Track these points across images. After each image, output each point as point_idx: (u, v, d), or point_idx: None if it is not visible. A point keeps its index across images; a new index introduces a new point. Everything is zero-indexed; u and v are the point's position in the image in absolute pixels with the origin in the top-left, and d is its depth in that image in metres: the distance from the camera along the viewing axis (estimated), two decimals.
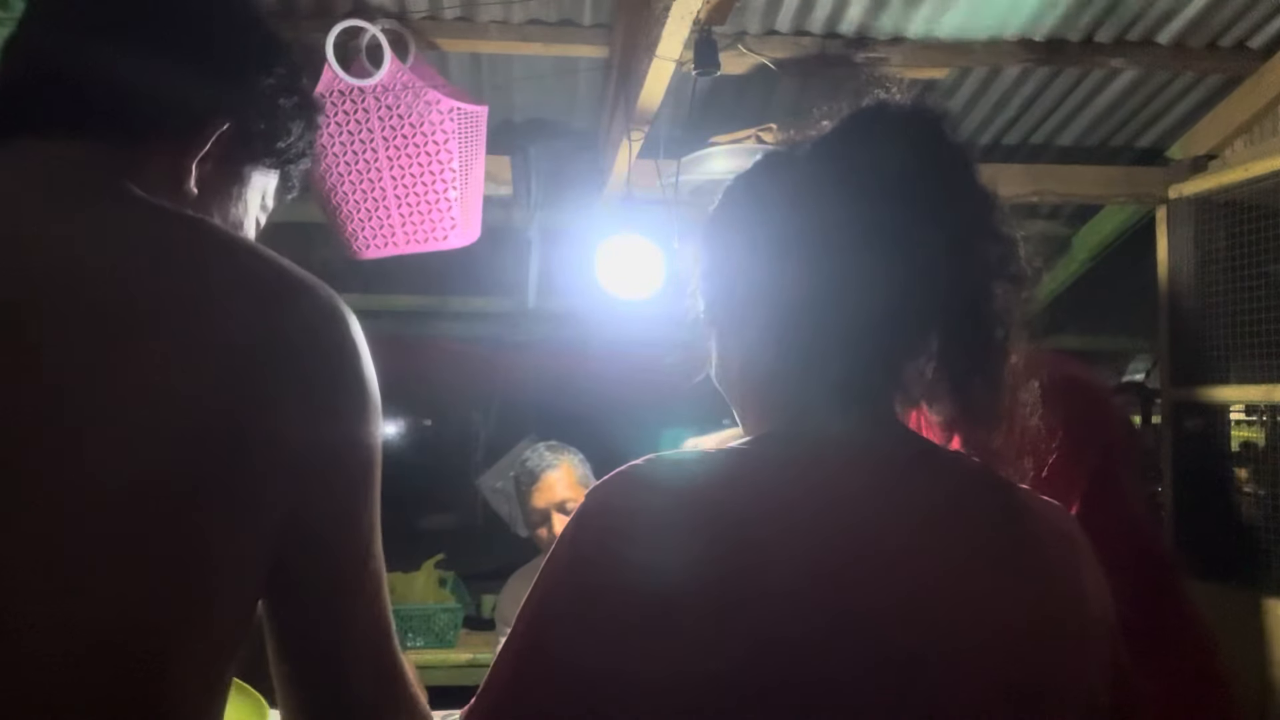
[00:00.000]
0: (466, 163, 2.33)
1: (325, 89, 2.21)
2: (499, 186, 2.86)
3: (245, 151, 0.88)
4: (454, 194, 2.33)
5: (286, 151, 0.91)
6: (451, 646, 3.37)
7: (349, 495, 0.76)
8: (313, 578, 0.74)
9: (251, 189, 0.90)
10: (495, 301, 3.91)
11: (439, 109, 2.23)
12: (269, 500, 0.70)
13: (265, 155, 0.89)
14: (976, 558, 0.75)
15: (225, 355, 0.69)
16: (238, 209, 0.89)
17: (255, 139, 0.88)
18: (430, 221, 2.37)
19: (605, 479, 0.77)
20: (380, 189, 2.32)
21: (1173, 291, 2.86)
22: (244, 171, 0.89)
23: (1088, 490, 1.27)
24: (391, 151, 2.28)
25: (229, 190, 0.88)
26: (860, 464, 0.78)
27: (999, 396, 0.79)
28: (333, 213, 2.39)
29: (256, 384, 0.70)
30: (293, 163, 0.93)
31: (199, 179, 0.83)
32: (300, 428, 0.71)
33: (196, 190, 0.83)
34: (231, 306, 0.71)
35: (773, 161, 0.87)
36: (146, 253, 0.71)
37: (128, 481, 0.66)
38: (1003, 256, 0.80)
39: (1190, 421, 2.81)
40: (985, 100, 2.78)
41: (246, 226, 0.91)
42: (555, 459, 2.72)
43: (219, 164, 0.85)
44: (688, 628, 0.68)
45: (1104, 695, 0.78)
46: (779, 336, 0.80)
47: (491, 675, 0.76)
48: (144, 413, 0.66)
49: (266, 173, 0.92)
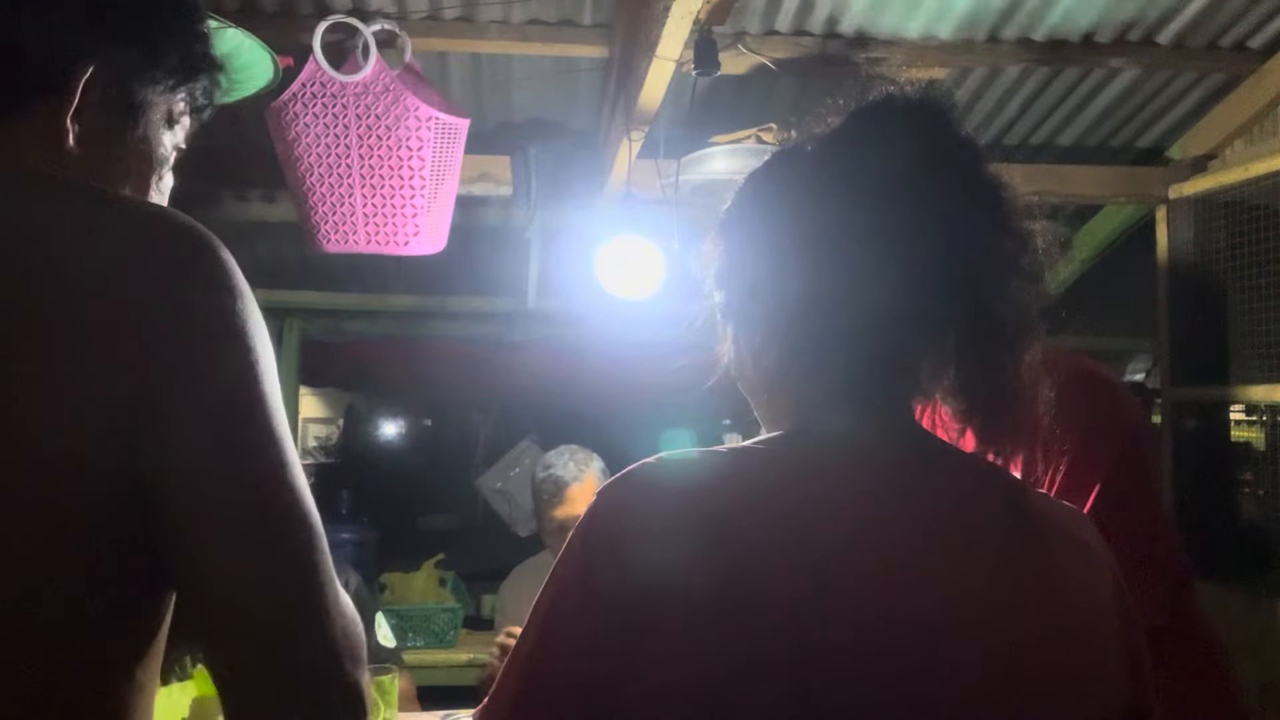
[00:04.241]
0: (439, 173, 2.33)
1: (308, 78, 2.21)
2: (499, 186, 2.86)
3: (125, 88, 0.80)
4: (421, 201, 2.33)
5: (175, 73, 0.82)
6: (451, 646, 3.37)
7: (223, 426, 0.70)
8: (202, 524, 0.69)
9: (151, 124, 0.82)
10: (495, 301, 3.91)
11: (416, 115, 2.24)
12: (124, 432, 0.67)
13: (150, 86, 0.81)
14: (984, 562, 0.74)
15: (95, 323, 0.66)
16: (142, 150, 0.82)
17: (131, 72, 0.79)
18: (393, 225, 2.37)
19: (613, 480, 0.77)
20: (348, 185, 2.33)
21: (1173, 292, 2.86)
22: (134, 109, 0.81)
23: (1105, 490, 1.23)
24: (364, 150, 2.28)
25: (122, 137, 0.80)
26: (870, 465, 0.77)
27: (1013, 394, 0.77)
28: (300, 203, 2.39)
29: (103, 328, 0.67)
30: (189, 81, 0.84)
31: (80, 136, 0.77)
32: (159, 361, 0.67)
33: (81, 149, 0.77)
34: (98, 269, 0.67)
35: (782, 159, 0.87)
36: (5, 228, 0.68)
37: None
38: (1016, 250, 0.79)
39: (1190, 421, 2.81)
40: (985, 100, 2.78)
41: (157, 163, 0.84)
42: (580, 472, 2.71)
43: (99, 113, 0.78)
44: (695, 630, 0.68)
45: (1118, 701, 0.77)
46: (789, 335, 0.80)
47: (499, 686, 0.75)
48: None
49: (164, 98, 0.83)
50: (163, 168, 0.85)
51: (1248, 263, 2.61)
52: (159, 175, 0.85)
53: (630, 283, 2.60)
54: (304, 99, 2.23)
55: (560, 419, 4.37)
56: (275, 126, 2.30)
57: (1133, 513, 1.24)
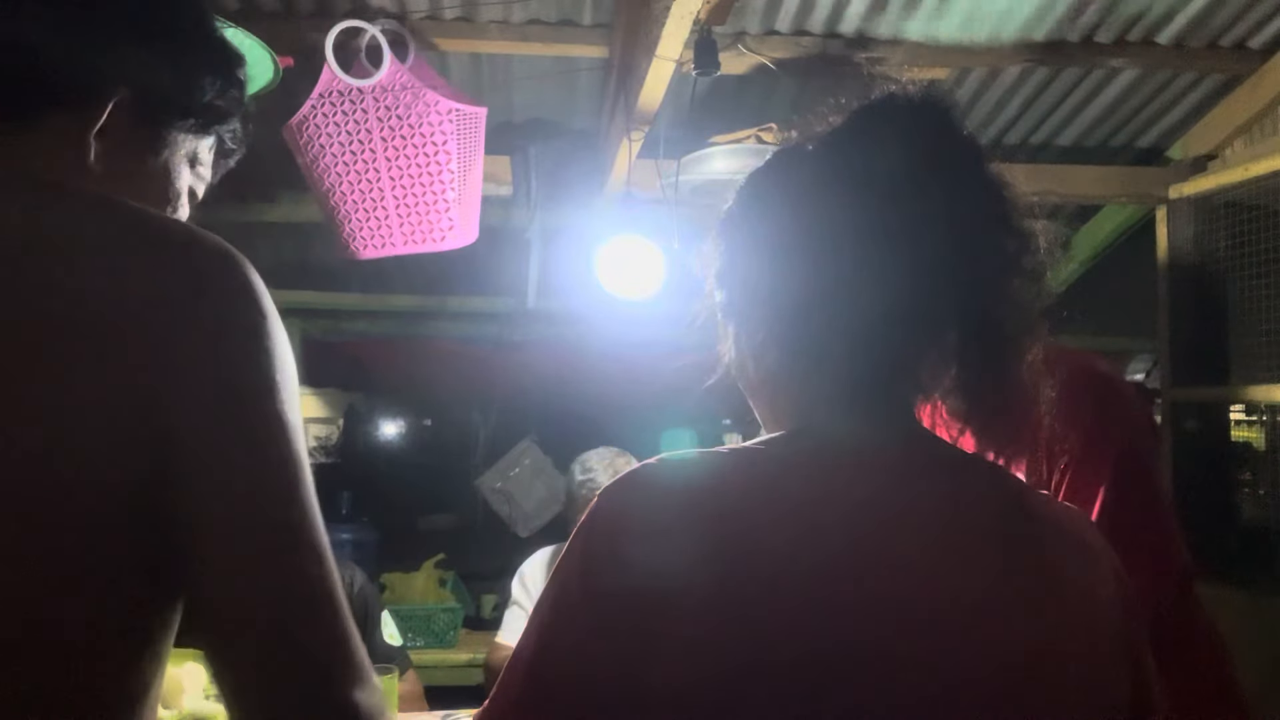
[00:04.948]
0: (465, 164, 2.33)
1: (324, 89, 2.21)
2: (499, 186, 2.86)
3: (153, 118, 0.81)
4: (452, 195, 2.33)
5: (205, 112, 0.84)
6: (451, 646, 3.38)
7: (260, 462, 0.70)
8: (221, 538, 0.69)
9: (173, 157, 0.83)
10: (495, 301, 3.91)
11: (437, 110, 2.23)
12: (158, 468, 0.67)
13: (179, 119, 0.82)
14: (985, 563, 0.74)
15: (115, 331, 0.66)
16: (160, 181, 0.83)
17: (161, 103, 0.81)
18: (428, 222, 2.37)
19: (614, 482, 0.76)
20: (379, 189, 2.32)
21: (1173, 292, 2.86)
22: (158, 139, 0.82)
23: (1109, 490, 1.23)
24: (390, 152, 2.28)
25: (143, 162, 0.81)
26: (871, 466, 0.77)
27: (1015, 393, 0.77)
28: (331, 213, 2.39)
29: (150, 354, 0.67)
30: (219, 123, 0.86)
31: (101, 154, 0.78)
32: (204, 390, 0.68)
33: (101, 166, 0.78)
34: (116, 277, 0.67)
35: (782, 158, 0.86)
36: (23, 234, 0.68)
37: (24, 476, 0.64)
38: (1018, 250, 0.78)
39: (1190, 421, 2.81)
40: (985, 100, 2.78)
41: (173, 197, 0.85)
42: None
43: (124, 134, 0.79)
44: (696, 630, 0.68)
45: (1120, 703, 0.76)
46: (790, 335, 0.79)
47: (500, 687, 0.75)
48: (34, 401, 0.64)
49: (192, 137, 0.85)
50: (177, 202, 0.86)
51: (1248, 263, 2.61)
52: (173, 209, 0.86)
53: (630, 283, 2.60)
54: (323, 110, 2.23)
55: (560, 419, 4.36)
56: (296, 141, 2.29)
57: (1138, 513, 1.23)
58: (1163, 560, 1.26)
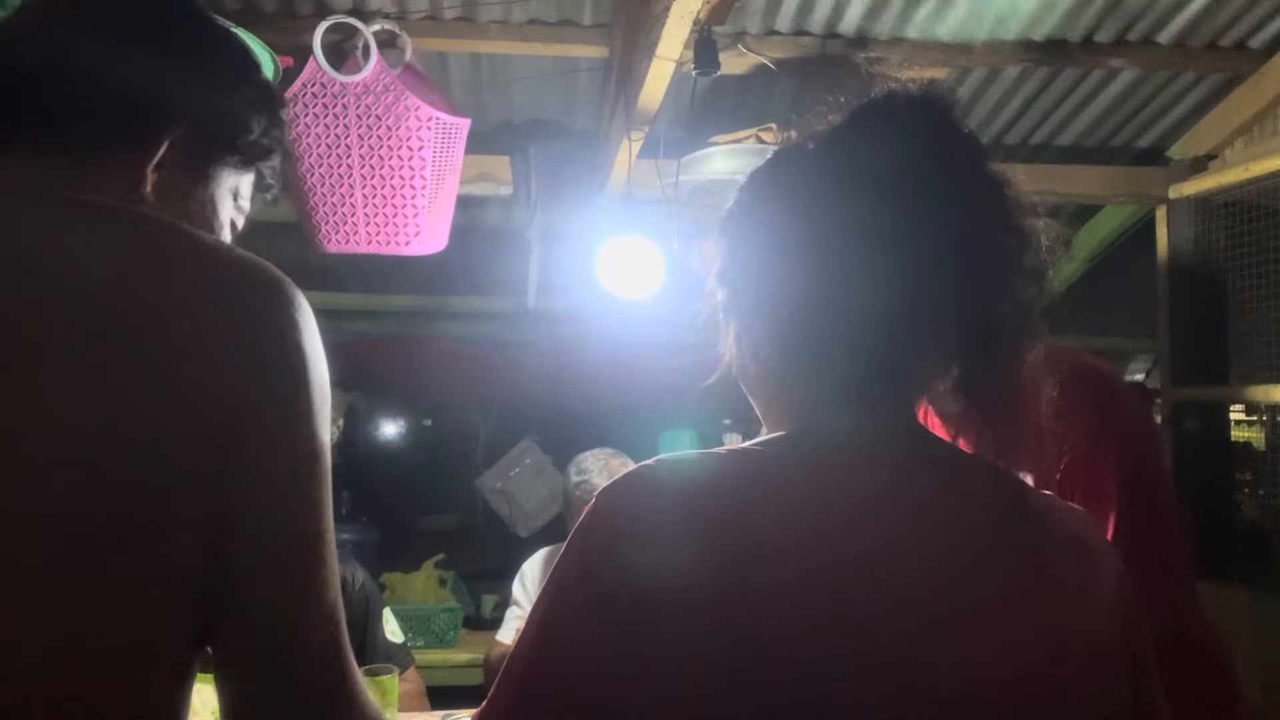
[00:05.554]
0: (440, 173, 2.33)
1: (308, 79, 2.21)
2: (499, 186, 2.86)
3: (204, 153, 0.87)
4: (422, 201, 2.33)
5: (250, 150, 0.90)
6: (451, 646, 3.38)
7: (297, 490, 0.76)
8: (261, 572, 0.74)
9: (219, 190, 0.89)
10: (495, 301, 3.91)
11: (417, 115, 2.24)
12: (207, 504, 0.71)
13: (227, 155, 0.88)
14: (986, 564, 0.74)
15: (176, 361, 0.70)
16: (206, 211, 0.88)
17: (213, 140, 0.87)
18: (394, 225, 2.38)
19: (612, 483, 0.76)
20: (348, 186, 2.33)
21: (1173, 292, 2.86)
22: (207, 173, 0.88)
23: (1114, 490, 1.22)
24: (365, 150, 2.28)
25: (192, 193, 0.87)
26: (872, 466, 0.77)
27: (1015, 393, 0.77)
28: (300, 204, 2.40)
29: (213, 385, 0.70)
30: (261, 160, 0.92)
31: (156, 184, 0.83)
32: (256, 423, 0.72)
33: (155, 196, 0.82)
34: (185, 308, 0.71)
35: (783, 158, 0.86)
36: (91, 257, 0.71)
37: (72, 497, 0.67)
38: (1019, 248, 0.78)
39: (1190, 421, 2.81)
40: (985, 100, 2.78)
41: (217, 228, 0.90)
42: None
43: (178, 168, 0.84)
44: (694, 632, 0.68)
45: (1121, 704, 0.76)
46: (791, 335, 0.79)
47: (498, 687, 0.75)
48: (87, 428, 0.67)
49: (235, 172, 0.90)
50: (221, 232, 0.90)
51: (1248, 263, 2.61)
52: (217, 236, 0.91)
53: (630, 283, 2.60)
54: (304, 100, 2.23)
55: (560, 419, 4.36)
56: None
57: (1144, 514, 1.22)
58: (1168, 561, 1.25)
